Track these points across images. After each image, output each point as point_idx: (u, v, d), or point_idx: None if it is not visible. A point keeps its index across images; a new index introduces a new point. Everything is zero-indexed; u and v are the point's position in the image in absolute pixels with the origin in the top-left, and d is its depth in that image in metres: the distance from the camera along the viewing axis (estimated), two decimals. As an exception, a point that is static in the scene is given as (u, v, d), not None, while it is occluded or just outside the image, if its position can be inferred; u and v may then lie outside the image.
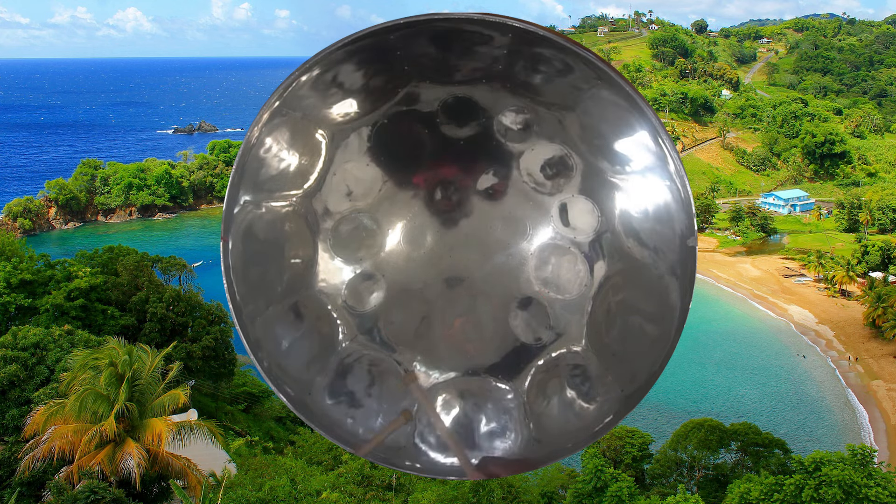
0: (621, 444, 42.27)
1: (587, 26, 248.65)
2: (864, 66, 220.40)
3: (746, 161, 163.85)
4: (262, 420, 47.42)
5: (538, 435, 2.44)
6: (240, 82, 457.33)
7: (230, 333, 46.12)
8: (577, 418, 2.41)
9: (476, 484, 26.52)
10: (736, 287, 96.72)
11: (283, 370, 2.40)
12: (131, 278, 46.90)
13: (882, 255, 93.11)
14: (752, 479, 30.59)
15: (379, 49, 2.17)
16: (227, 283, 2.31)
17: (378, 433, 2.42)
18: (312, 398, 2.45)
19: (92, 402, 21.23)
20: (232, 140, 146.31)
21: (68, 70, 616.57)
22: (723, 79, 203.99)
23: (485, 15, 1.99)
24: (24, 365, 27.67)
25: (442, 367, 2.65)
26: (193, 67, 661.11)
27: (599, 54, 2.51)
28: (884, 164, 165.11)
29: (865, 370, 72.60)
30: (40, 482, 21.95)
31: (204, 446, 23.90)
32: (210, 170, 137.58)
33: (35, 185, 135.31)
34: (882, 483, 27.13)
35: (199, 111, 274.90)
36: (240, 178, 2.31)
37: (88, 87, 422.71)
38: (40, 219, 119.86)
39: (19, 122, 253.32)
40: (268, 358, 2.35)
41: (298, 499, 24.63)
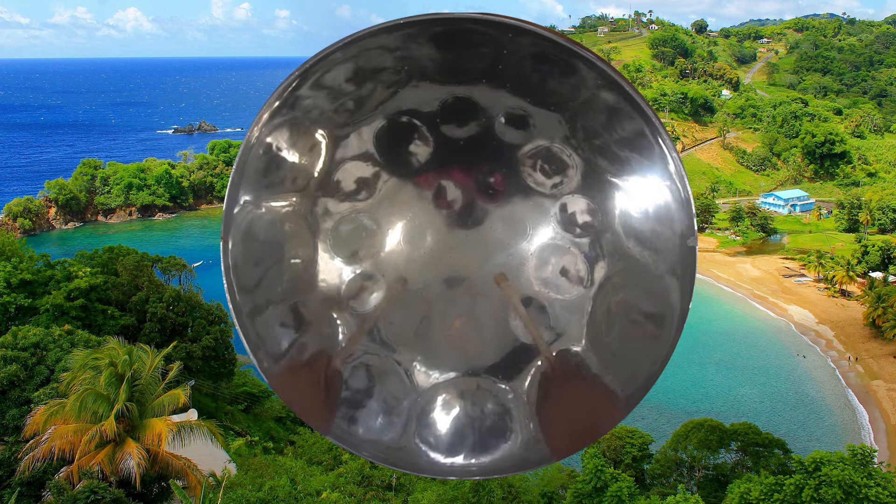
0: (621, 444, 42.30)
1: (587, 26, 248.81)
2: (864, 66, 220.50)
3: (746, 161, 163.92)
4: (262, 420, 47.45)
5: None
6: (240, 82, 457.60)
7: (230, 333, 46.13)
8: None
9: (476, 484, 26.53)
10: (736, 287, 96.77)
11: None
12: (131, 278, 46.92)
13: (882, 255, 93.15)
14: (752, 479, 30.61)
15: (379, 49, 2.18)
16: (227, 283, 2.31)
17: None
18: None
19: (92, 402, 21.24)
20: (232, 140, 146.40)
21: (68, 70, 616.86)
22: (723, 79, 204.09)
23: (485, 15, 1.99)
24: (24, 365, 27.68)
25: (442, 367, 2.66)
26: (193, 67, 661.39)
27: (599, 54, 2.52)
28: (884, 164, 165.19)
29: (865, 370, 72.64)
30: (40, 482, 21.96)
31: (204, 446, 23.91)
32: (210, 170, 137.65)
33: (35, 185, 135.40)
34: (882, 483, 27.15)
35: (199, 111, 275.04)
36: (240, 178, 2.31)
37: (88, 87, 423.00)
38: (40, 219, 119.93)
39: (19, 122, 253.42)
40: (268, 358, 2.35)
41: (298, 499, 24.65)
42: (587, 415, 2.40)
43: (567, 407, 2.47)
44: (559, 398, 2.51)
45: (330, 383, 2.49)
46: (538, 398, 2.53)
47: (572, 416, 2.44)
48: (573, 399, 2.48)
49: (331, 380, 2.50)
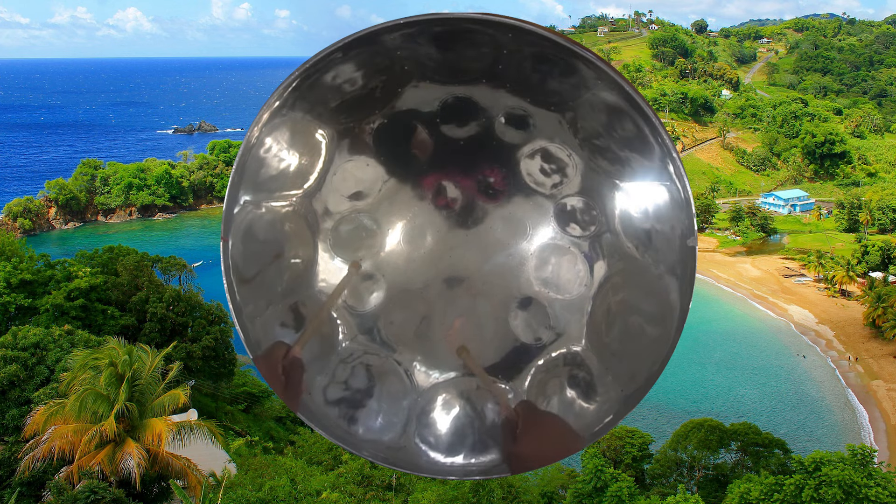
0: (621, 444, 42.27)
1: (587, 26, 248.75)
2: (864, 66, 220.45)
3: (746, 161, 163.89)
4: (262, 420, 47.44)
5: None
6: (240, 82, 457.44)
7: (230, 333, 46.12)
8: (577, 418, 2.41)
9: (476, 484, 26.53)
10: (736, 287, 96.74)
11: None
12: (131, 278, 46.90)
13: (882, 255, 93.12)
14: (752, 479, 30.60)
15: (379, 49, 2.18)
16: (227, 283, 2.31)
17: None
18: (312, 398, 2.45)
19: (92, 402, 21.24)
20: (232, 140, 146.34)
21: (68, 70, 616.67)
22: (723, 79, 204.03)
23: (485, 15, 1.99)
24: (24, 365, 27.68)
25: (442, 366, 2.66)
26: (193, 67, 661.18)
27: (599, 54, 2.51)
28: (884, 164, 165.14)
29: (865, 370, 72.63)
30: (40, 482, 21.95)
31: (204, 446, 23.90)
32: (210, 170, 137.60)
33: (35, 185, 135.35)
34: (882, 483, 27.13)
35: (199, 111, 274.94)
36: (240, 178, 2.32)
37: (88, 87, 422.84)
38: (40, 219, 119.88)
39: (19, 122, 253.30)
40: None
41: (298, 499, 24.64)
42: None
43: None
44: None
45: (288, 370, 2.47)
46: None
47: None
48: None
49: (288, 368, 2.47)
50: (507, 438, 2.47)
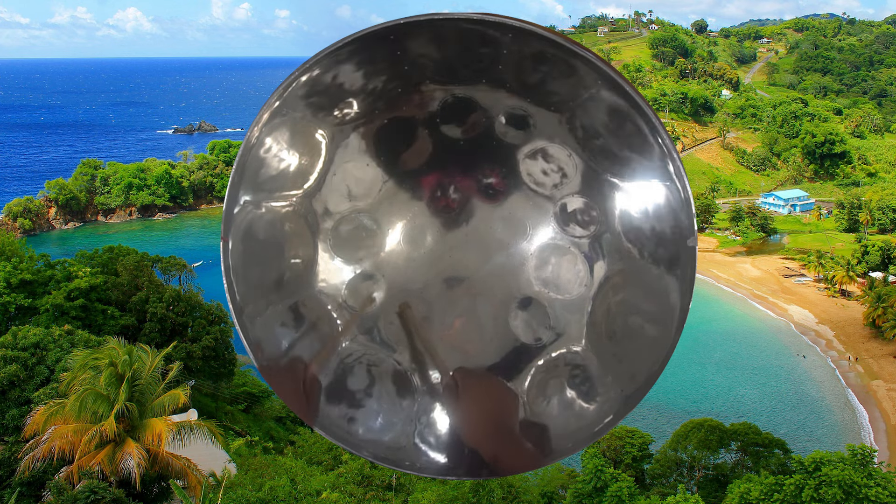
0: (621, 444, 42.29)
1: (587, 26, 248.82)
2: (864, 66, 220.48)
3: (746, 161, 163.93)
4: (262, 420, 47.45)
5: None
6: (240, 82, 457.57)
7: (230, 333, 46.14)
8: (577, 418, 2.41)
9: (476, 484, 26.54)
10: (736, 287, 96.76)
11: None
12: (131, 278, 46.92)
13: (882, 255, 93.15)
14: (752, 479, 30.61)
15: (379, 49, 2.18)
16: (227, 283, 2.31)
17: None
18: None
19: (92, 402, 21.24)
20: (232, 140, 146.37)
21: (68, 70, 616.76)
22: (723, 79, 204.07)
23: (485, 15, 1.99)
24: (24, 365, 27.69)
25: (442, 367, 2.66)
26: (193, 67, 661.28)
27: (599, 54, 2.52)
28: (884, 164, 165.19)
29: (865, 370, 72.65)
30: (40, 482, 21.96)
31: (204, 446, 23.91)
32: (210, 170, 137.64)
33: (35, 185, 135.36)
34: (882, 483, 27.15)
35: (199, 111, 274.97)
36: (240, 178, 2.32)
37: (88, 87, 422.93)
38: (40, 219, 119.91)
39: (19, 122, 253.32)
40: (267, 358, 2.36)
41: (298, 499, 24.65)
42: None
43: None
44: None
45: (309, 385, 2.49)
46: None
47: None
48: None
49: (310, 382, 2.49)
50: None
